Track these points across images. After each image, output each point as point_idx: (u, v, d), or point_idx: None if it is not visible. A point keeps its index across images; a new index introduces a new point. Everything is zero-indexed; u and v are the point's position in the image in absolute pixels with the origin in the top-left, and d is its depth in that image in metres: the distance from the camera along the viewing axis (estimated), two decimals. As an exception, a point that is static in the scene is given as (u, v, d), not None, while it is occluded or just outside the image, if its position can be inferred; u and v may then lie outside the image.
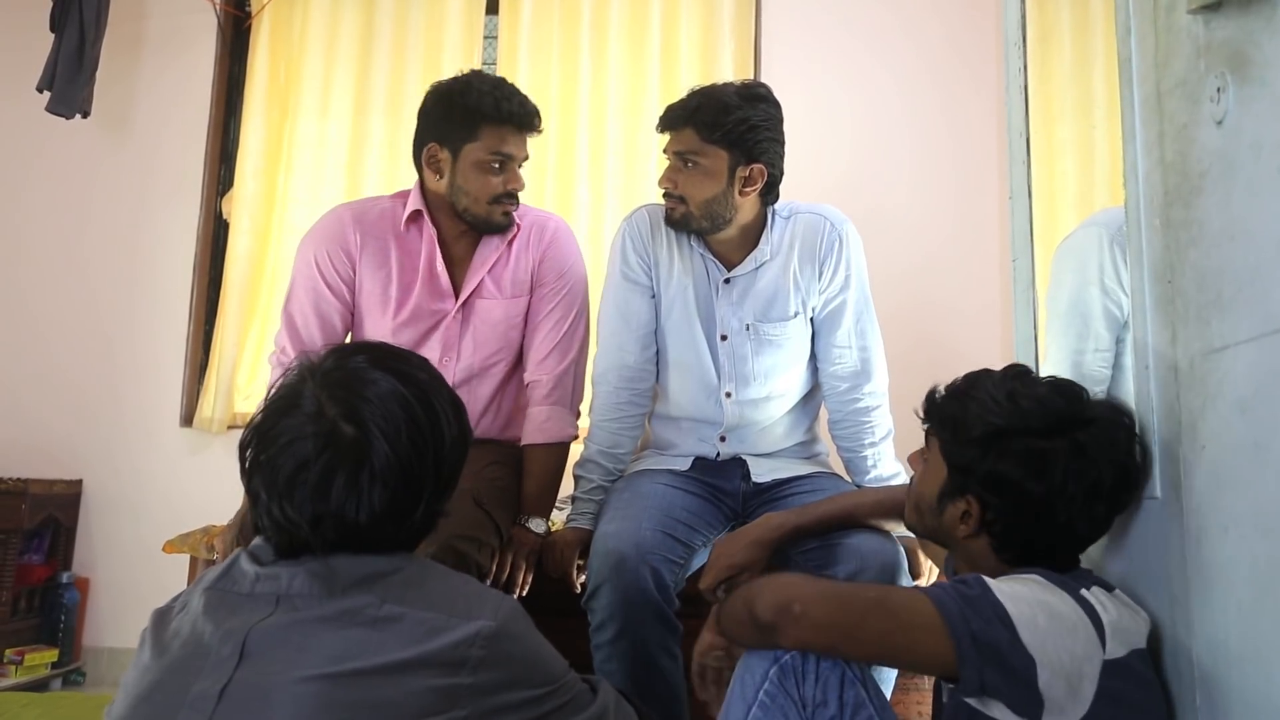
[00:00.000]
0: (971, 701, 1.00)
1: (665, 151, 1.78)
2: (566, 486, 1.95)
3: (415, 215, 1.87)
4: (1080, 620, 0.99)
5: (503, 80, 1.84)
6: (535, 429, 1.87)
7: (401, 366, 1.01)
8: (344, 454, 0.93)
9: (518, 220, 1.90)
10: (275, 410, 0.97)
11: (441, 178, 1.83)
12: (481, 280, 1.88)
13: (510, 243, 1.91)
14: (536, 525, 1.81)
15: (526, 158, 1.85)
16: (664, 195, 1.78)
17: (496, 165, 1.79)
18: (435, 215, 1.88)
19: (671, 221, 1.78)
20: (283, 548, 0.96)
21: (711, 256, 1.82)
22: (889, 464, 1.83)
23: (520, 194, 1.85)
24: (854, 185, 3.25)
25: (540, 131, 1.84)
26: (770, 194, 1.78)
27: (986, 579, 1.02)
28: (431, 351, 1.87)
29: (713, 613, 1.25)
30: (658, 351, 1.86)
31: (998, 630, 0.96)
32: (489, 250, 1.89)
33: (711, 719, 1.21)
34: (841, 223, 1.83)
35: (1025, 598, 0.98)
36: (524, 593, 1.71)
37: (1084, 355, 1.75)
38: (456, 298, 1.88)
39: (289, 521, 0.94)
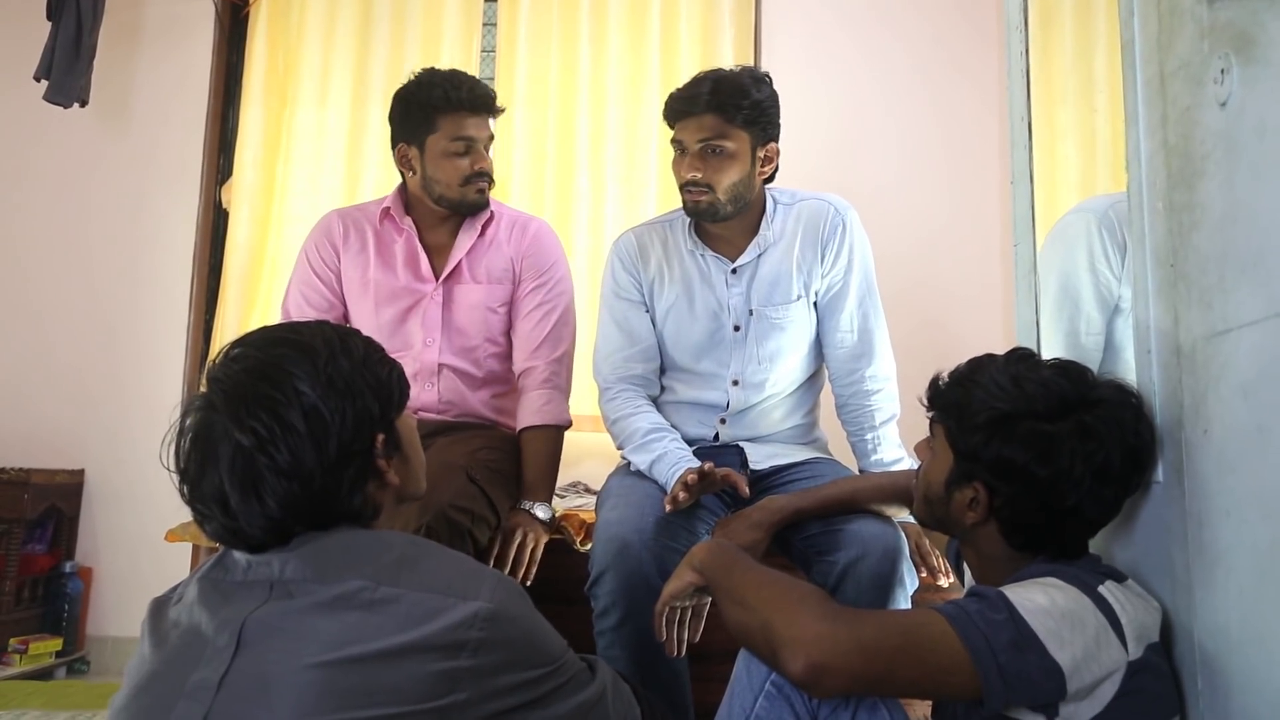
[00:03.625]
0: None
1: (678, 141, 1.75)
2: (563, 478, 1.97)
3: (387, 211, 1.99)
4: (1102, 628, 0.97)
5: (455, 71, 1.92)
6: (534, 412, 1.90)
7: (252, 347, 0.99)
8: (214, 458, 0.93)
9: (495, 211, 2.00)
10: (179, 437, 0.98)
11: (415, 174, 1.94)
12: (460, 264, 1.97)
13: (486, 231, 2.00)
14: (542, 511, 1.82)
15: (491, 137, 1.94)
16: (686, 186, 1.75)
17: (460, 149, 1.89)
18: (413, 209, 1.99)
19: (697, 212, 1.76)
20: (246, 549, 0.95)
21: (712, 252, 1.83)
22: (892, 448, 1.84)
23: (489, 171, 1.94)
24: (855, 170, 3.25)
25: (498, 112, 1.94)
26: (770, 177, 1.81)
27: (1008, 594, 0.99)
28: (412, 333, 1.96)
29: (690, 553, 1.25)
30: (663, 355, 1.88)
31: (1027, 658, 0.94)
32: (466, 237, 1.98)
33: (714, 705, 1.21)
34: (845, 209, 1.85)
35: (1049, 610, 0.97)
36: (529, 581, 1.71)
37: (1077, 338, 1.76)
38: (436, 280, 1.96)
39: (226, 529, 0.95)
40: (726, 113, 1.70)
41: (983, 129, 3.28)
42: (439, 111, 1.88)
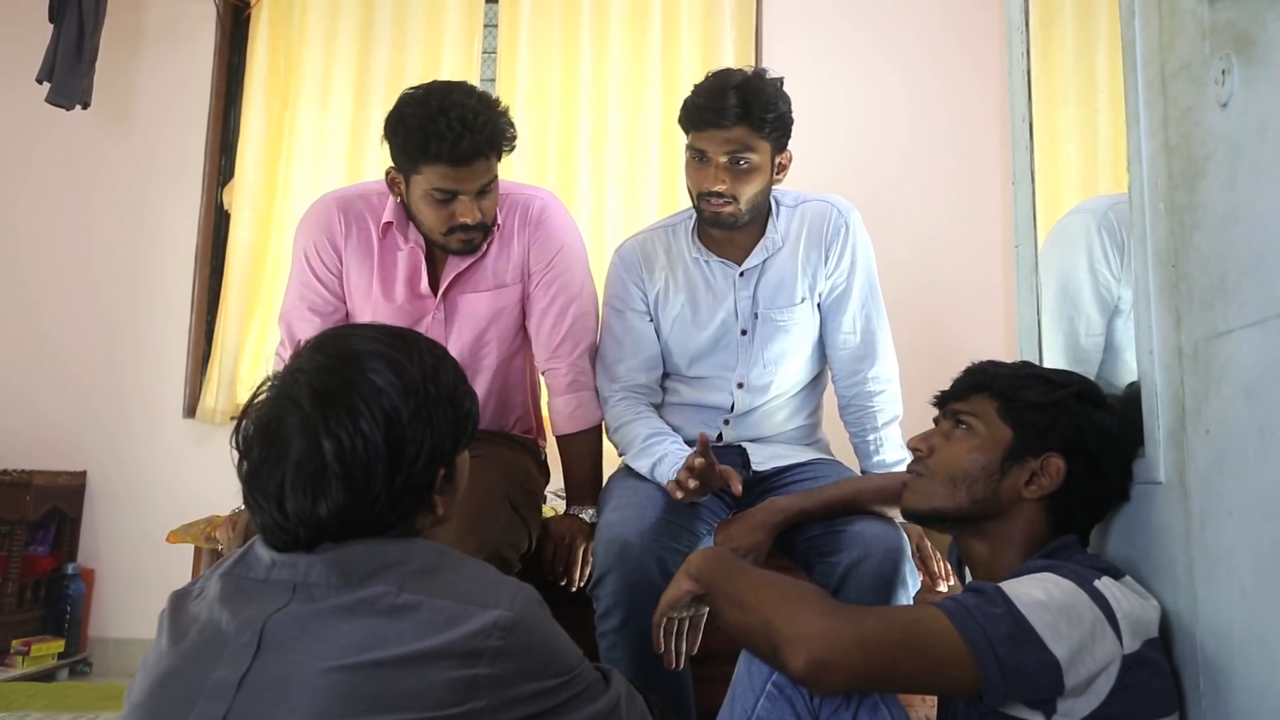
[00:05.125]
0: None
1: (698, 150, 1.70)
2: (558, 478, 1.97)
3: (389, 225, 1.81)
4: (1098, 621, 0.98)
5: (449, 108, 1.62)
6: (566, 419, 1.86)
7: (340, 345, 0.98)
8: (281, 454, 0.92)
9: (499, 212, 1.81)
10: (242, 416, 0.97)
11: (402, 200, 1.77)
12: (460, 276, 1.83)
13: (491, 240, 1.83)
14: (587, 515, 1.81)
15: (490, 181, 1.70)
16: (708, 196, 1.71)
17: (440, 199, 1.68)
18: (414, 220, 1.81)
19: (718, 222, 1.73)
20: (282, 546, 0.94)
21: (718, 258, 1.82)
22: (894, 449, 1.83)
23: (482, 221, 1.72)
24: (856, 172, 3.24)
25: (497, 152, 1.69)
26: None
27: (1006, 590, 1.00)
28: None
29: (687, 561, 1.24)
30: (666, 361, 1.86)
31: (1025, 651, 0.95)
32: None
33: (716, 706, 1.21)
34: (848, 210, 1.84)
35: (1046, 604, 0.97)
36: (583, 582, 1.70)
37: (1076, 339, 1.76)
38: (436, 296, 1.83)
39: (275, 524, 0.93)
40: (754, 124, 1.66)
41: (984, 130, 3.28)
42: (420, 157, 1.64)
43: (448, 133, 1.60)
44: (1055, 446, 1.13)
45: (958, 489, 1.16)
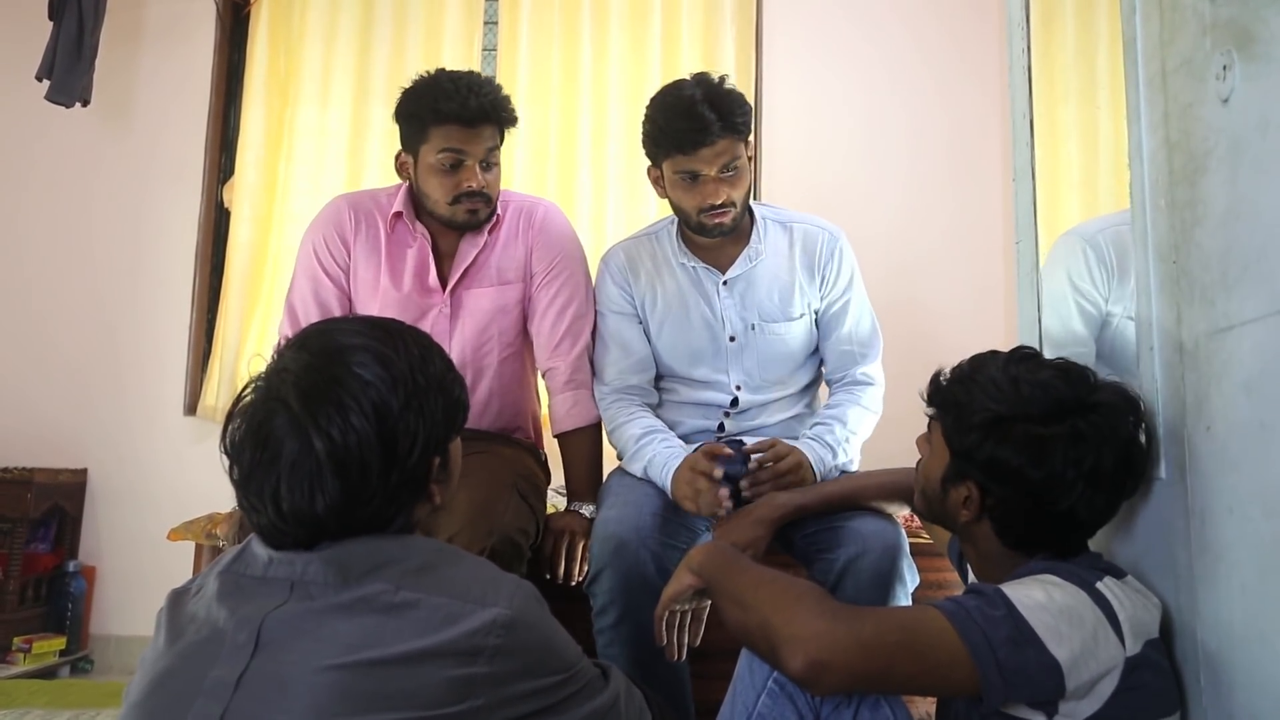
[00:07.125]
0: None
1: (689, 170, 1.71)
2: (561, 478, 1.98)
3: (398, 216, 1.87)
4: (1100, 623, 0.97)
5: (458, 77, 1.76)
6: (564, 416, 1.89)
7: (324, 341, 0.96)
8: (274, 456, 0.91)
9: (500, 209, 1.89)
10: (229, 419, 0.96)
11: (411, 183, 1.85)
12: (466, 272, 1.88)
13: (494, 232, 1.90)
14: (588, 510, 1.83)
15: (492, 149, 1.79)
16: (709, 209, 1.72)
17: (449, 165, 1.76)
18: (422, 213, 1.88)
19: (723, 231, 1.76)
20: (280, 546, 0.93)
21: (702, 264, 1.84)
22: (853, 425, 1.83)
23: (486, 191, 1.80)
24: (856, 171, 3.24)
25: (499, 122, 1.78)
26: None
27: (1007, 591, 1.00)
28: None
29: (688, 556, 1.25)
30: (659, 364, 1.88)
31: (1025, 654, 0.94)
32: (471, 244, 1.88)
33: (716, 703, 1.21)
34: (839, 233, 1.89)
35: (1047, 606, 0.97)
36: (582, 577, 1.70)
37: (1064, 351, 1.82)
38: (444, 291, 1.88)
39: (272, 525, 0.92)
40: (735, 129, 1.69)
41: (985, 128, 3.28)
42: (428, 121, 1.74)
43: (455, 94, 1.73)
44: (973, 475, 1.11)
45: (921, 500, 1.23)
